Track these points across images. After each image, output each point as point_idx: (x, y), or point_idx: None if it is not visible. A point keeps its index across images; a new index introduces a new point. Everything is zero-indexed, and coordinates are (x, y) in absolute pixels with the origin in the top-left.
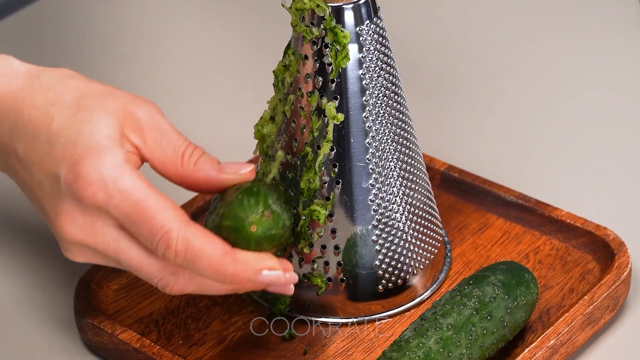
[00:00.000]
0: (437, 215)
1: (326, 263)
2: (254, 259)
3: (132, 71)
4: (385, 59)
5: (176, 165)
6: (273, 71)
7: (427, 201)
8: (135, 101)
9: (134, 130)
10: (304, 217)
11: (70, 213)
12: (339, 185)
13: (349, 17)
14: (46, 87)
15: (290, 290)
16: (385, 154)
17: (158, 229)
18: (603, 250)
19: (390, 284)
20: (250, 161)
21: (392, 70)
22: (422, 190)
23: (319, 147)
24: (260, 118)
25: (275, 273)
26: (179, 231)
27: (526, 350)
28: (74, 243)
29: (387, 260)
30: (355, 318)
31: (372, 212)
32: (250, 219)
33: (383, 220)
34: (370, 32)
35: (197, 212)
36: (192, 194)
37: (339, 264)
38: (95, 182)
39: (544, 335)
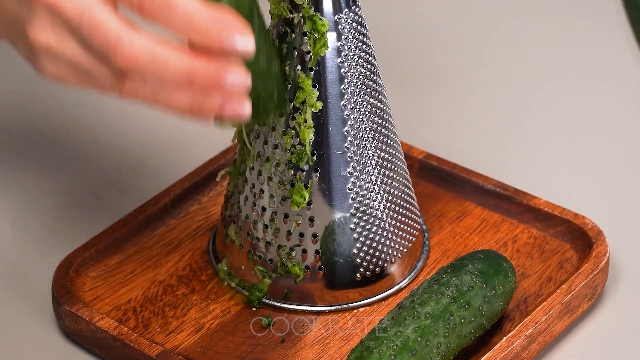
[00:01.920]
0: (415, 204)
1: (304, 251)
2: (229, 16)
3: None
4: (363, 47)
5: None
6: None
7: (405, 189)
8: None
9: None
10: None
11: None
12: (317, 174)
13: (327, 5)
14: None
15: (246, 113)
16: (363, 142)
17: None
18: (581, 239)
19: (368, 272)
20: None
21: (370, 58)
22: (401, 179)
23: (297, 135)
24: None
25: (247, 38)
26: None
27: (504, 339)
28: (46, 5)
29: (364, 248)
30: (333, 306)
31: (350, 200)
32: None
33: (361, 208)
34: (348, 20)
35: (175, 200)
36: (171, 180)
37: (316, 252)
38: None
39: (521, 324)
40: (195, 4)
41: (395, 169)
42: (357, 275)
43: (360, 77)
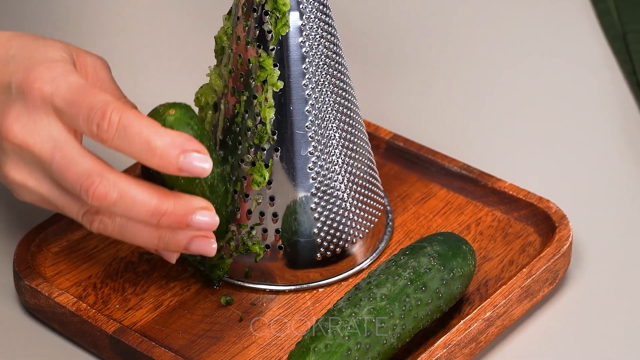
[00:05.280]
0: (379, 184)
1: (264, 230)
2: (185, 136)
3: (72, 37)
4: (326, 27)
5: None
6: (214, 37)
7: (369, 170)
8: (87, 52)
9: (79, 72)
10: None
11: (17, 112)
12: (278, 153)
13: None
14: (5, 34)
15: (213, 250)
16: (325, 122)
17: (97, 102)
18: (545, 222)
19: (328, 252)
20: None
21: (333, 38)
22: (364, 159)
23: (258, 115)
24: (201, 87)
25: (205, 157)
26: (116, 105)
27: (461, 322)
28: (15, 145)
29: (325, 228)
30: (293, 286)
31: (311, 180)
32: (167, 107)
33: (322, 188)
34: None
35: (140, 176)
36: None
37: (277, 231)
38: (44, 77)
39: (480, 307)
40: (151, 127)
41: (358, 149)
42: (318, 255)
43: (323, 56)
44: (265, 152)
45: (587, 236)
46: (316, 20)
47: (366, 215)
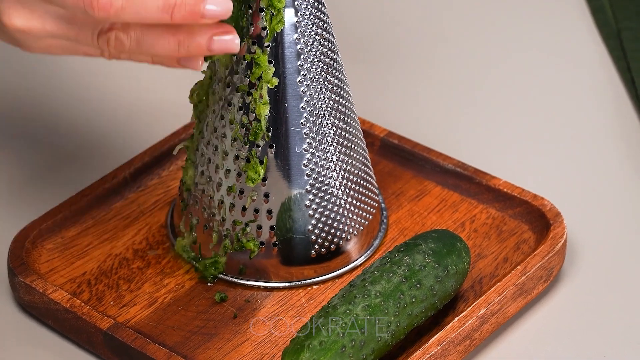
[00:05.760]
0: (374, 182)
1: (259, 227)
2: None
3: None
4: (321, 24)
5: None
6: None
7: (363, 167)
8: None
9: None
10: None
11: None
12: (273, 150)
13: None
14: None
15: (236, 46)
16: (320, 119)
17: None
18: (539, 220)
19: (323, 249)
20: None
21: (328, 35)
22: (358, 156)
23: (253, 111)
24: (196, 83)
25: None
26: None
27: (456, 319)
28: None
29: (320, 225)
30: (287, 282)
31: (306, 177)
32: None
33: (317, 185)
34: None
35: (135, 173)
36: (132, 153)
37: (271, 227)
38: None
39: (474, 304)
40: None
41: (353, 146)
42: (312, 252)
43: (317, 53)
44: (260, 148)
45: (581, 234)
46: (311, 17)
47: (361, 212)
